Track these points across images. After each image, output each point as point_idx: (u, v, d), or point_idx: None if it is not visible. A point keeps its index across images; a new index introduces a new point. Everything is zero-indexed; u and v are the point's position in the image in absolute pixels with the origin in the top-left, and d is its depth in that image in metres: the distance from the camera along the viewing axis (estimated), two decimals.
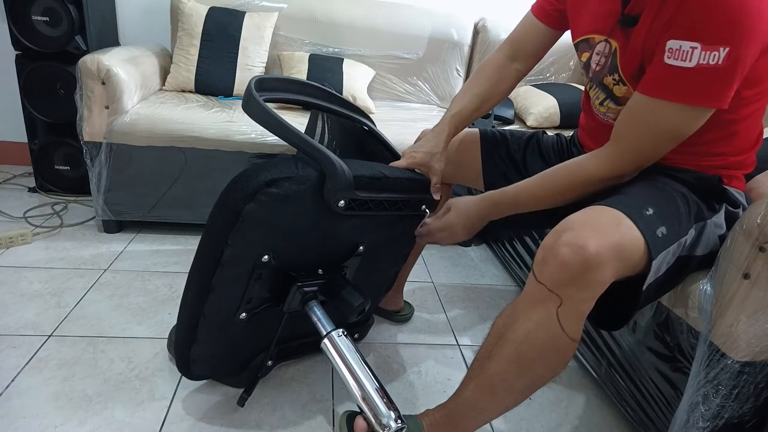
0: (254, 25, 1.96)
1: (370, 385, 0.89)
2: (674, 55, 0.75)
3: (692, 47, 0.73)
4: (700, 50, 0.72)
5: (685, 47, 0.73)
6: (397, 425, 0.84)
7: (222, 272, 0.86)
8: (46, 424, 0.98)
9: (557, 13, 1.03)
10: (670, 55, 0.75)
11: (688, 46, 0.73)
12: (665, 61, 0.76)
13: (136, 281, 1.49)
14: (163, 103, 1.71)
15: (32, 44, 1.79)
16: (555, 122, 1.93)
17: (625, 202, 0.78)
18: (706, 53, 0.72)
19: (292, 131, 0.85)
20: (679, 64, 0.74)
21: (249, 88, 0.88)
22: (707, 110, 0.78)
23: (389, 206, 0.97)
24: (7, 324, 1.25)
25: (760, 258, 0.77)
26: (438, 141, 1.05)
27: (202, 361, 0.99)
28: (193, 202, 1.72)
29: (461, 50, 2.22)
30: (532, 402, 1.19)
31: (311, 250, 0.98)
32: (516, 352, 0.77)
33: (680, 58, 0.74)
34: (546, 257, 0.75)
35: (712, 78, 0.73)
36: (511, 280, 1.76)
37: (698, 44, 0.72)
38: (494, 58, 1.11)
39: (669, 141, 0.82)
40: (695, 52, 0.72)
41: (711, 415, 0.85)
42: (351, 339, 0.96)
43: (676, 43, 0.74)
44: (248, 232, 0.84)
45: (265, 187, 0.81)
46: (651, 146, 0.84)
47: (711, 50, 0.71)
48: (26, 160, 2.05)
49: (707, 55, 0.72)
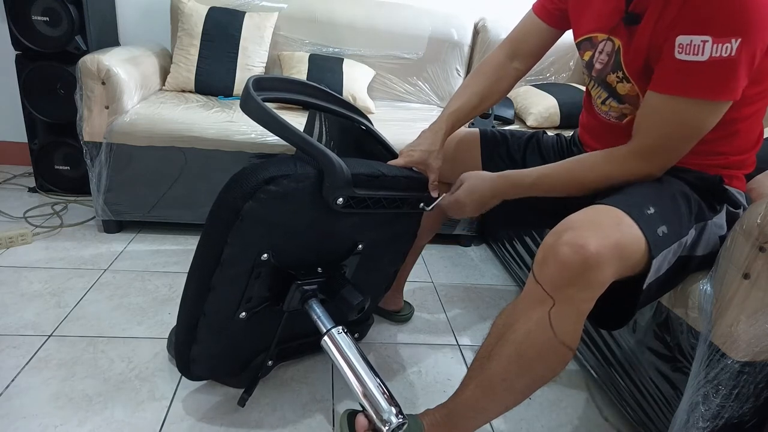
0: (254, 25, 1.96)
1: (370, 382, 0.89)
2: (685, 50, 0.74)
3: (703, 41, 0.72)
4: (712, 43, 0.72)
5: (696, 41, 0.73)
6: (399, 420, 0.85)
7: (222, 271, 0.86)
8: (46, 424, 0.98)
9: (559, 12, 1.03)
10: (681, 50, 0.75)
11: (699, 40, 0.73)
12: (676, 57, 0.76)
13: (136, 281, 1.49)
14: (163, 103, 1.71)
15: (32, 44, 1.79)
16: (555, 122, 1.93)
17: (625, 201, 0.78)
18: (718, 46, 0.71)
19: (290, 130, 0.85)
20: (692, 58, 0.74)
21: (247, 87, 0.89)
22: (725, 103, 0.77)
23: (387, 204, 0.97)
24: (7, 324, 1.25)
25: (760, 258, 0.77)
26: (435, 139, 1.06)
27: (202, 361, 0.99)
28: (193, 202, 1.72)
29: (461, 50, 2.22)
30: (532, 402, 1.19)
31: (310, 248, 0.98)
32: (516, 352, 0.77)
33: (692, 53, 0.74)
34: (546, 257, 0.75)
35: (726, 70, 0.73)
36: (511, 280, 1.76)
37: (709, 37, 0.72)
38: (494, 57, 1.11)
39: (692, 137, 0.81)
40: (707, 45, 0.72)
41: (711, 415, 0.85)
42: (351, 336, 0.96)
43: (687, 38, 0.74)
44: (248, 230, 0.84)
45: (264, 184, 0.81)
46: (675, 144, 0.83)
47: (723, 42, 0.71)
48: (26, 160, 2.05)
49: (719, 47, 0.72)
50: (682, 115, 0.79)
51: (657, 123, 0.82)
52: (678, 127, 0.81)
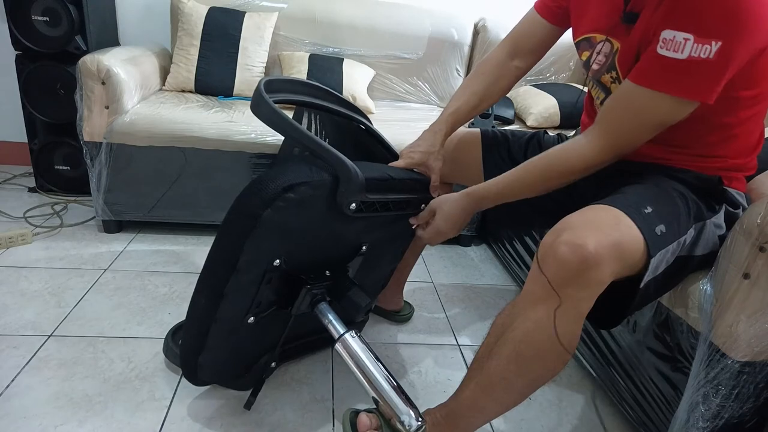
0: (254, 25, 1.96)
1: (387, 385, 0.89)
2: (667, 46, 0.75)
3: (685, 38, 0.72)
4: (693, 42, 0.72)
5: (678, 38, 0.73)
6: (418, 423, 0.85)
7: (236, 278, 0.85)
8: (46, 424, 0.98)
9: (560, 10, 1.03)
10: (664, 45, 0.75)
11: (681, 37, 0.73)
12: (657, 51, 0.76)
13: (136, 281, 1.49)
14: (163, 103, 1.71)
15: (32, 44, 1.78)
16: (555, 122, 1.93)
17: (623, 201, 0.79)
18: (698, 46, 0.71)
19: (305, 134, 0.85)
20: (671, 55, 0.74)
21: (258, 90, 0.87)
22: (692, 103, 0.78)
23: (393, 207, 0.98)
24: (7, 324, 1.25)
25: (760, 258, 0.77)
26: (435, 140, 1.06)
27: (208, 367, 0.98)
28: (193, 202, 1.72)
29: (461, 50, 2.22)
30: (532, 402, 1.19)
31: (320, 252, 0.98)
32: (515, 351, 0.77)
33: (672, 49, 0.74)
34: (545, 256, 0.75)
35: (701, 71, 0.73)
36: (511, 280, 1.76)
37: (692, 36, 0.72)
38: (494, 55, 1.11)
39: (651, 130, 0.82)
40: (688, 43, 0.72)
41: (711, 415, 0.85)
42: (364, 339, 0.96)
43: (671, 33, 0.74)
44: (264, 237, 0.83)
45: (283, 192, 0.80)
46: (633, 134, 0.83)
47: (703, 43, 0.71)
48: (26, 160, 2.05)
49: (699, 47, 0.71)
50: (649, 107, 0.79)
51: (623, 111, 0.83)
52: (642, 118, 0.81)
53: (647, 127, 0.82)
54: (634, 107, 0.81)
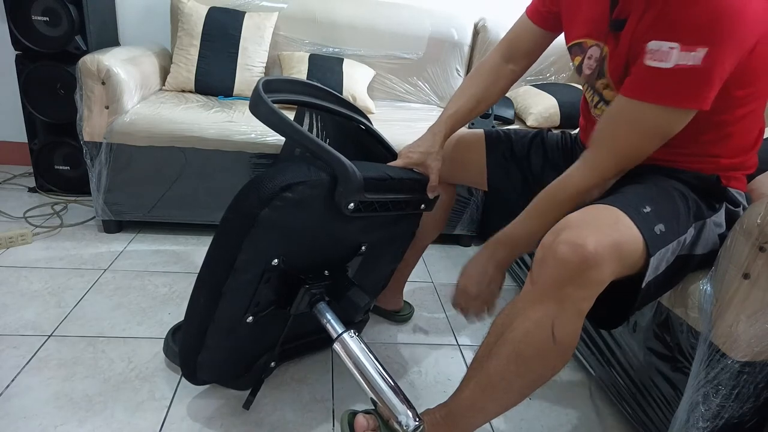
0: (254, 25, 1.96)
1: (385, 385, 0.89)
2: (654, 56, 0.75)
3: (671, 47, 0.72)
4: (679, 50, 0.72)
5: (664, 48, 0.73)
6: (416, 423, 0.85)
7: (234, 278, 0.85)
8: (46, 424, 0.98)
9: (551, 16, 1.03)
10: (651, 56, 0.75)
11: (667, 46, 0.73)
12: (645, 63, 0.76)
13: (136, 281, 1.49)
14: (163, 103, 1.71)
15: (32, 44, 1.78)
16: (555, 122, 1.93)
17: (623, 201, 0.79)
18: (684, 53, 0.71)
19: (304, 135, 0.85)
20: (658, 65, 0.74)
21: (257, 90, 0.87)
22: (688, 111, 0.77)
23: (392, 206, 0.98)
24: (7, 324, 1.25)
25: (760, 258, 0.77)
26: (434, 141, 1.06)
27: (208, 367, 0.98)
28: (193, 202, 1.72)
29: (461, 50, 2.22)
30: (532, 402, 1.19)
31: (318, 251, 0.98)
32: (515, 351, 0.77)
33: (659, 59, 0.74)
34: (545, 256, 0.75)
35: (690, 79, 0.73)
36: (511, 280, 1.76)
37: (677, 44, 0.72)
38: (490, 59, 1.11)
39: (651, 143, 0.82)
40: (674, 52, 0.72)
41: (711, 415, 0.85)
42: (362, 339, 0.96)
43: (657, 44, 0.74)
44: (262, 237, 0.83)
45: (281, 192, 0.80)
46: (633, 148, 0.83)
47: (689, 50, 0.71)
48: (26, 160, 2.05)
49: (685, 55, 0.72)
50: (645, 120, 0.79)
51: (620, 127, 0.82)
52: (640, 132, 0.81)
53: (646, 140, 0.82)
54: (630, 122, 0.81)
